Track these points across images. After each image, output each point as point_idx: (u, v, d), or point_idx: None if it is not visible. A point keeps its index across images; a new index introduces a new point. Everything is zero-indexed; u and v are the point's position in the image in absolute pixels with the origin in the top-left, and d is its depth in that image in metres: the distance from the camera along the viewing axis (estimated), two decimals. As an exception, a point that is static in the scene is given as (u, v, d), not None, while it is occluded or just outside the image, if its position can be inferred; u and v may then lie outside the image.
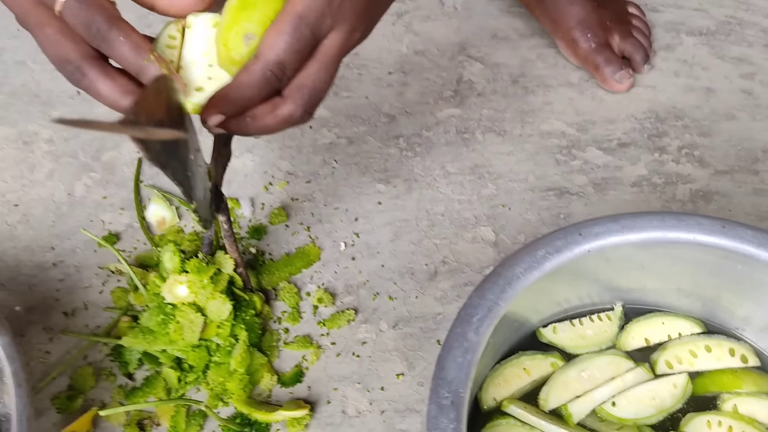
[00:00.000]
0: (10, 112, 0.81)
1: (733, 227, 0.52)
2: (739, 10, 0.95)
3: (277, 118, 0.46)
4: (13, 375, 0.53)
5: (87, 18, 0.43)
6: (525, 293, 0.51)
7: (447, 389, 0.44)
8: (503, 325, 0.50)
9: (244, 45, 0.45)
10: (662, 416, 0.54)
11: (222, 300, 0.62)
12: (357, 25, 0.47)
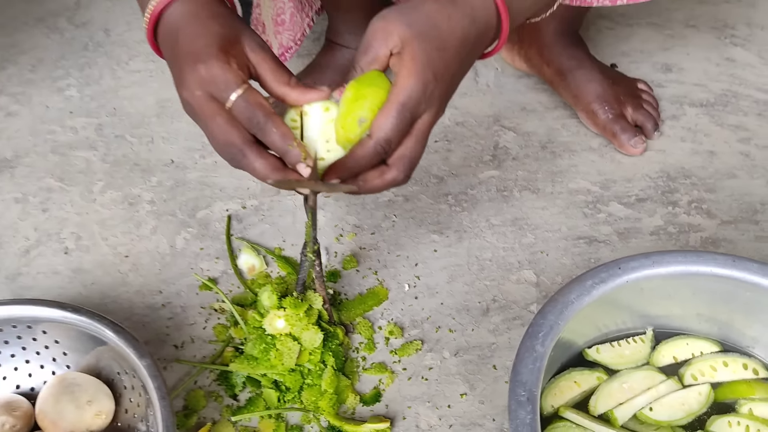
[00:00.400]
0: (115, 179, 0.95)
1: (742, 261, 0.64)
2: (734, 85, 1.09)
3: (384, 182, 0.59)
4: (157, 390, 0.64)
5: (250, 113, 0.56)
6: (575, 317, 0.62)
7: (522, 389, 0.56)
8: (557, 346, 0.62)
9: (358, 127, 0.58)
10: (691, 418, 0.65)
11: (314, 331, 0.74)
12: (441, 107, 0.60)
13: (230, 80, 0.56)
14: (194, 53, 0.57)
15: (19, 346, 0.71)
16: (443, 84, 0.58)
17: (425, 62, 0.56)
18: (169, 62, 0.60)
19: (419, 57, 0.55)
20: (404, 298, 0.84)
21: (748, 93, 1.08)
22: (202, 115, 0.57)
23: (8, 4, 1.22)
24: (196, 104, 0.57)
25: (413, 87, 0.56)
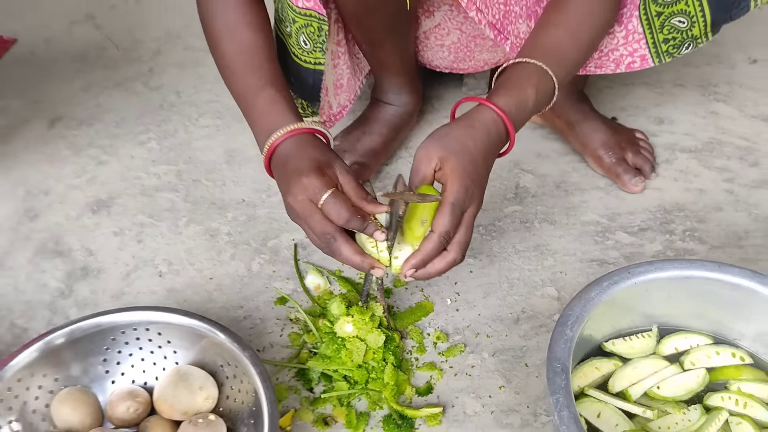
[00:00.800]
0: (196, 215, 1.11)
1: (726, 266, 0.80)
2: (718, 134, 1.27)
3: (446, 264, 0.77)
4: (260, 375, 0.79)
5: (338, 209, 0.73)
6: (594, 316, 0.78)
7: (557, 363, 0.71)
8: (580, 340, 0.77)
9: (421, 226, 0.76)
10: (691, 395, 0.79)
11: (377, 333, 0.89)
12: (480, 200, 0.79)
13: (322, 186, 0.74)
14: (299, 170, 0.76)
15: (137, 346, 0.86)
16: (478, 184, 0.77)
17: (462, 172, 0.74)
18: (278, 179, 0.80)
19: (457, 169, 0.74)
20: (447, 310, 0.99)
21: (730, 140, 1.26)
22: (302, 214, 0.76)
23: (90, 71, 1.40)
24: (298, 206, 0.75)
25: (458, 190, 0.74)
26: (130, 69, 1.41)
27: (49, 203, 1.13)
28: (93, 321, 0.84)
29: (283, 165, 0.79)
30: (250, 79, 0.85)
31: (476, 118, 0.78)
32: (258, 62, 0.86)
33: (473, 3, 0.91)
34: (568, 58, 0.86)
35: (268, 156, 0.81)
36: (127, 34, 1.50)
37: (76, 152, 1.22)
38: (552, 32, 0.86)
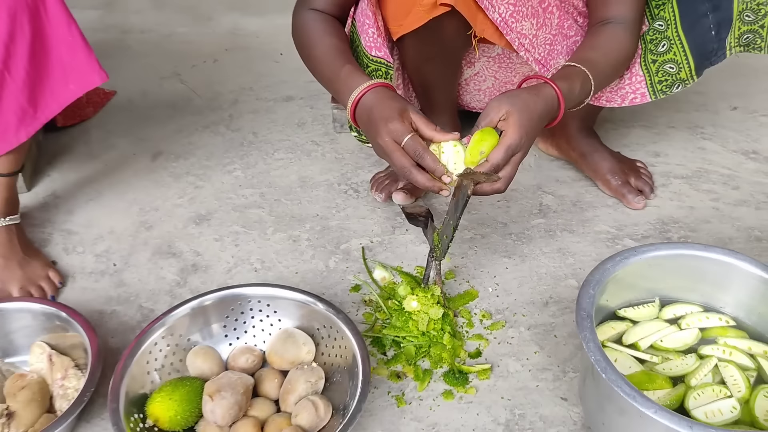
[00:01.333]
0: (280, 226, 1.35)
1: (710, 247, 1.03)
2: (705, 164, 1.52)
3: (492, 189, 1.00)
4: (352, 331, 1.01)
5: (414, 148, 0.98)
6: (609, 289, 1.00)
7: (584, 311, 0.93)
8: (599, 309, 0.99)
9: (479, 155, 0.99)
10: (687, 347, 1.01)
11: (437, 308, 1.11)
12: (527, 150, 1.02)
13: (404, 130, 0.99)
14: (384, 117, 1.00)
15: (249, 315, 1.09)
16: (530, 138, 1.00)
17: (521, 125, 0.98)
18: (365, 125, 1.04)
19: (518, 121, 0.98)
20: (489, 296, 1.21)
21: (715, 170, 1.50)
22: (388, 151, 0.99)
23: (181, 117, 1.67)
24: (385, 145, 0.99)
25: (514, 137, 0.98)
26: (213, 115, 1.67)
27: (159, 217, 1.37)
28: (218, 294, 1.07)
29: (368, 113, 1.03)
30: (334, 64, 1.11)
31: (541, 89, 1.03)
32: (339, 53, 1.12)
33: (522, 45, 1.17)
34: (600, 73, 1.12)
35: (353, 108, 1.06)
36: (208, 88, 1.78)
37: (177, 179, 1.48)
38: (592, 53, 1.13)
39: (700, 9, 1.18)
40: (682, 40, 1.20)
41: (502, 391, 1.06)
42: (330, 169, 1.50)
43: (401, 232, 1.34)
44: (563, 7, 1.20)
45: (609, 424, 0.91)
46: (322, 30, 1.16)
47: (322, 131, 1.62)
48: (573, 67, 1.11)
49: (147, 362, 0.99)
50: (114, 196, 1.42)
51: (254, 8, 2.07)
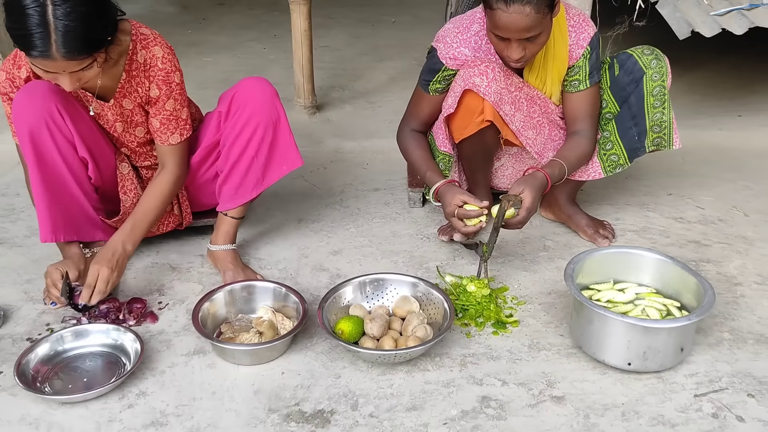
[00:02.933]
0: (385, 256, 2.16)
1: (637, 247, 1.83)
2: (648, 224, 2.33)
3: (516, 224, 1.84)
4: (445, 299, 1.80)
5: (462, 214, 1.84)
6: (583, 271, 1.79)
7: (569, 276, 1.72)
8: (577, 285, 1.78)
9: (514, 212, 1.83)
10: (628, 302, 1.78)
11: (486, 289, 1.90)
12: (535, 209, 1.86)
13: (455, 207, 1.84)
14: (448, 202, 1.86)
15: (380, 289, 1.87)
16: (535, 202, 1.85)
17: (533, 196, 1.83)
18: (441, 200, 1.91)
19: (530, 194, 1.83)
20: (514, 289, 1.99)
21: (654, 227, 2.32)
22: (448, 214, 1.85)
23: (310, 201, 2.52)
24: (448, 212, 1.85)
25: (529, 201, 1.83)
26: (330, 199, 2.53)
27: (310, 252, 2.19)
28: (368, 276, 1.87)
29: (443, 196, 1.88)
30: (424, 167, 1.98)
31: (538, 175, 1.87)
32: (426, 161, 2.01)
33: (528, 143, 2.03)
34: (571, 164, 1.97)
35: (435, 193, 1.90)
36: (323, 184, 2.65)
37: (316, 232, 2.30)
38: (567, 152, 1.99)
39: (627, 124, 2.05)
40: (619, 143, 2.07)
41: (524, 331, 1.82)
42: (409, 226, 2.33)
43: (459, 258, 2.14)
44: (551, 123, 2.08)
45: (584, 332, 1.68)
46: (416, 144, 2.06)
47: (401, 207, 2.46)
48: (555, 160, 1.97)
49: (332, 307, 1.78)
50: (280, 242, 2.24)
51: (348, 135, 2.99)
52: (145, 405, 1.57)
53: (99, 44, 1.59)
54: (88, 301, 1.72)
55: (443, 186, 1.93)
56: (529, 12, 1.72)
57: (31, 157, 1.74)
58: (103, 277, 1.72)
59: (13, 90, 1.78)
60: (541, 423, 1.53)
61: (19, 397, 1.58)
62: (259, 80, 1.89)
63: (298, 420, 1.53)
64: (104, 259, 1.74)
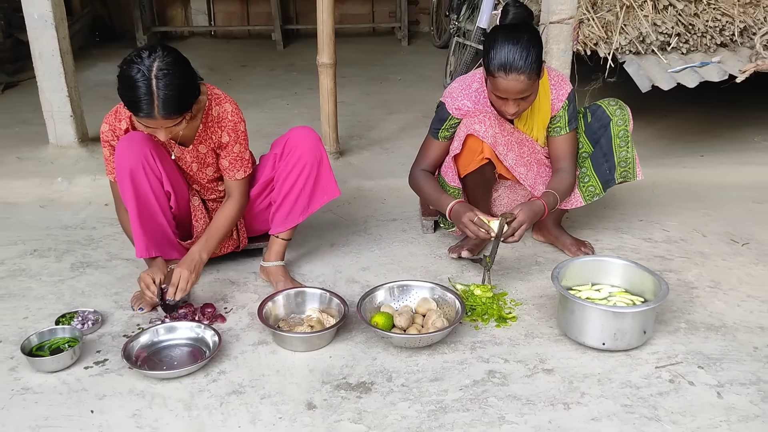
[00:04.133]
0: (405, 270, 2.59)
1: (610, 255, 2.27)
2: (622, 243, 2.77)
3: (516, 238, 2.28)
4: (458, 300, 2.23)
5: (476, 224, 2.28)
6: (566, 275, 2.23)
7: (557, 279, 2.16)
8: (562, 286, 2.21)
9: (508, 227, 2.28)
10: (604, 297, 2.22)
11: (489, 293, 2.33)
12: (528, 225, 2.31)
13: (472, 216, 2.29)
14: (459, 218, 2.31)
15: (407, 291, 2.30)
16: (529, 220, 2.29)
17: (525, 214, 2.28)
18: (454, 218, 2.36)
19: (523, 213, 2.28)
20: (512, 294, 2.42)
21: (627, 246, 2.76)
22: (465, 223, 2.29)
23: (339, 230, 2.97)
24: (465, 224, 2.29)
25: (522, 219, 2.27)
26: (355, 228, 2.97)
27: (344, 268, 2.61)
28: (396, 283, 2.30)
29: (456, 214, 2.31)
30: (435, 195, 2.42)
31: (535, 202, 2.32)
32: (436, 190, 2.43)
33: (521, 178, 2.49)
34: (561, 194, 2.42)
35: (449, 213, 2.34)
36: (348, 216, 3.09)
37: (346, 254, 2.73)
38: (556, 186, 2.43)
39: (600, 161, 2.52)
40: (594, 176, 2.54)
41: (521, 324, 2.25)
42: (424, 248, 2.77)
43: (467, 271, 2.58)
44: (538, 162, 2.55)
45: (567, 321, 2.11)
46: (427, 180, 2.51)
47: (416, 233, 2.91)
48: (549, 191, 2.42)
49: (367, 306, 2.20)
50: (317, 261, 2.68)
51: (368, 176, 3.45)
52: (225, 380, 1.98)
53: (188, 106, 2.06)
54: (173, 297, 2.14)
55: (456, 204, 2.37)
56: (523, 79, 2.20)
57: (129, 190, 2.18)
58: (185, 277, 2.15)
59: (114, 138, 2.24)
60: (535, 387, 1.94)
61: (126, 376, 2.00)
62: (306, 128, 2.36)
63: (346, 389, 1.94)
64: (185, 264, 2.18)
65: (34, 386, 1.95)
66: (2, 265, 2.63)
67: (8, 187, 3.22)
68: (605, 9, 3.23)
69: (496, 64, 2.20)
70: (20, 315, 2.31)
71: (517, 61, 2.17)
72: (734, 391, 1.92)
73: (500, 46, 2.20)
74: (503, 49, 2.19)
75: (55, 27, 3.22)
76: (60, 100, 3.34)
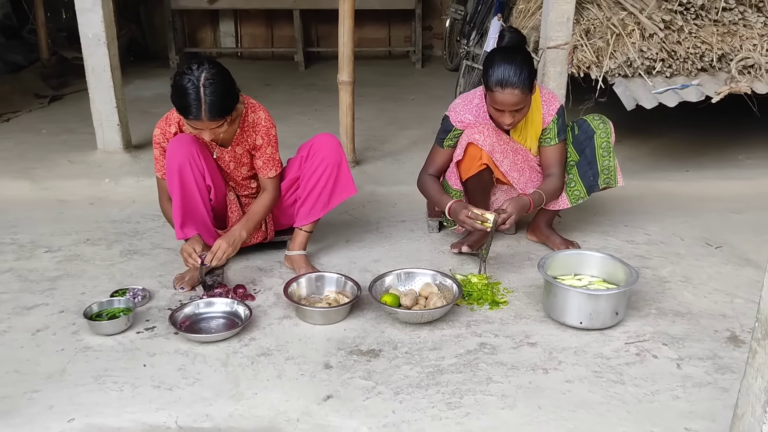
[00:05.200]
0: (414, 263, 2.93)
1: (590, 251, 2.59)
2: (607, 245, 3.09)
3: (507, 226, 2.61)
4: (456, 285, 2.56)
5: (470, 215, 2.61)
6: (552, 266, 2.55)
7: (542, 266, 2.48)
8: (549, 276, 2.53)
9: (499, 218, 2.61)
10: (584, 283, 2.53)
11: (486, 280, 2.66)
12: (517, 216, 2.64)
13: (462, 214, 2.62)
14: (459, 210, 2.65)
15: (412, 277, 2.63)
16: (517, 212, 2.63)
17: (514, 207, 2.61)
18: (453, 215, 2.70)
19: (512, 206, 2.62)
20: (507, 284, 2.74)
21: (612, 246, 3.07)
22: (462, 219, 2.62)
23: (354, 228, 3.31)
24: (463, 219, 2.62)
25: (511, 211, 2.61)
26: (369, 227, 3.30)
27: (358, 260, 2.95)
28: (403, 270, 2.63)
29: (454, 212, 2.65)
30: (438, 196, 2.76)
31: (523, 197, 2.65)
32: (439, 192, 2.77)
33: (513, 182, 2.83)
34: (548, 195, 2.75)
35: (448, 211, 2.67)
36: (363, 217, 3.43)
37: (360, 248, 3.06)
38: (544, 187, 2.76)
39: (585, 168, 2.85)
40: (580, 182, 2.86)
41: (511, 308, 2.56)
42: (429, 245, 3.10)
43: (466, 264, 2.90)
44: (530, 168, 2.88)
45: (550, 303, 2.43)
46: (432, 183, 2.85)
47: (422, 233, 3.23)
48: (536, 191, 2.75)
49: (378, 289, 2.53)
50: (334, 254, 3.01)
51: (381, 183, 3.79)
52: (255, 345, 2.32)
53: (229, 111, 2.42)
54: (210, 263, 2.49)
55: (454, 203, 2.71)
56: (518, 93, 2.55)
57: (177, 182, 2.54)
58: (223, 248, 2.51)
59: (164, 141, 2.60)
60: (519, 356, 2.26)
61: (172, 340, 2.33)
62: (329, 135, 2.72)
63: (357, 354, 2.27)
64: (226, 238, 2.55)
65: (95, 346, 2.30)
66: (60, 251, 2.99)
67: (61, 186, 3.60)
68: (597, 36, 3.57)
69: (494, 80, 2.55)
70: (78, 291, 2.66)
71: (512, 77, 2.52)
72: (692, 364, 2.22)
73: (497, 65, 2.55)
74: (500, 67, 2.54)
75: (107, 45, 3.62)
76: (109, 111, 3.73)
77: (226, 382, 2.12)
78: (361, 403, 2.03)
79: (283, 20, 7.25)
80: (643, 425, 1.94)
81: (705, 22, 3.53)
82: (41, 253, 2.97)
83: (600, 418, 1.97)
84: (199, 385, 2.10)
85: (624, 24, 3.56)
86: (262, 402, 2.03)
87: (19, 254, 2.97)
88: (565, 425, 1.93)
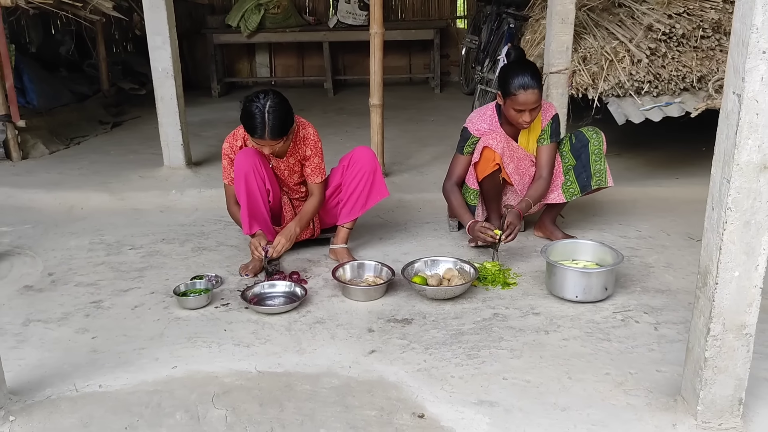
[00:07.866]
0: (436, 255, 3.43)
1: (584, 240, 3.07)
2: (603, 237, 3.56)
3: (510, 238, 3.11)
4: (474, 270, 3.06)
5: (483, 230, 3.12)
6: (553, 252, 3.03)
7: (544, 252, 2.97)
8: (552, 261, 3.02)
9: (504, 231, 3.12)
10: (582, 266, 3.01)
11: (498, 267, 3.15)
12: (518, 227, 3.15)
13: (481, 229, 3.13)
14: (475, 227, 3.16)
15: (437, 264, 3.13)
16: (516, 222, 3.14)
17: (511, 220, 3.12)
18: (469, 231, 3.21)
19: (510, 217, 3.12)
20: (516, 269, 3.22)
21: (607, 240, 3.55)
22: (471, 232, 3.13)
23: (383, 228, 3.83)
24: (471, 231, 3.13)
25: (510, 221, 3.11)
26: (398, 227, 3.81)
27: (389, 253, 3.46)
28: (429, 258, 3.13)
29: (471, 230, 3.17)
30: (459, 210, 3.27)
31: (513, 211, 3.15)
32: (461, 205, 3.28)
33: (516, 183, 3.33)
34: (534, 198, 3.26)
35: (468, 229, 3.19)
36: (393, 219, 3.94)
37: (391, 244, 3.58)
38: (531, 193, 3.28)
39: (580, 170, 3.35)
40: (575, 182, 3.36)
41: (520, 288, 3.05)
42: (450, 241, 3.59)
43: (482, 256, 3.39)
44: (529, 175, 3.38)
45: (551, 281, 2.92)
46: (454, 194, 3.36)
47: (444, 231, 3.73)
48: (524, 199, 3.25)
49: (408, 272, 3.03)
50: (370, 249, 3.51)
51: (407, 191, 4.30)
52: (311, 316, 2.83)
53: (287, 132, 2.96)
54: (272, 255, 3.01)
55: (471, 223, 3.22)
56: (536, 92, 3.10)
57: (243, 187, 3.07)
58: (282, 243, 3.03)
59: (232, 153, 3.15)
60: (526, 322, 2.74)
61: (243, 313, 2.85)
62: (366, 147, 3.25)
63: (394, 322, 2.77)
64: (284, 234, 3.08)
65: (183, 317, 2.82)
66: (142, 248, 3.54)
67: (135, 197, 4.17)
68: (593, 62, 4.08)
69: (516, 84, 3.09)
70: (163, 278, 3.19)
71: (530, 80, 3.07)
72: (667, 327, 2.69)
73: (516, 74, 3.11)
74: (519, 74, 3.10)
75: (173, 77, 4.20)
76: (174, 133, 4.31)
77: (291, 342, 2.62)
78: (399, 355, 2.52)
79: (313, 51, 7.87)
80: (622, 369, 2.41)
81: (686, 49, 4.02)
82: (127, 250, 3.52)
83: (589, 365, 2.44)
84: (270, 343, 2.61)
85: (616, 51, 4.07)
86: (320, 355, 2.53)
87: (108, 251, 3.52)
88: (561, 369, 2.41)
